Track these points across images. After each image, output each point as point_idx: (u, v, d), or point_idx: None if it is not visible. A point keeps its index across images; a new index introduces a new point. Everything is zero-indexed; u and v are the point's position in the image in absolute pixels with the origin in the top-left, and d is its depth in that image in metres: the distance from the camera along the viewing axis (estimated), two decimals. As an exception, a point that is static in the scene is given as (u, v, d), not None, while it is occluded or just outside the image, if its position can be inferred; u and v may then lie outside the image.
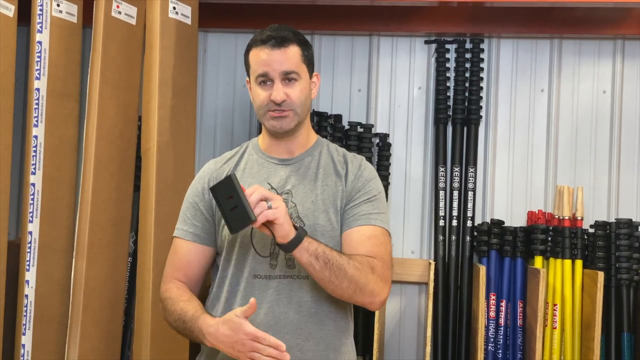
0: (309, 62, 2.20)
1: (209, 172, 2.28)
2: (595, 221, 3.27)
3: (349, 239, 2.13)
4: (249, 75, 2.22)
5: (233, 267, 2.16)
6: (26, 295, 2.83)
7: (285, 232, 1.96)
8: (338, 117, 3.47)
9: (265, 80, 2.13)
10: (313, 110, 3.48)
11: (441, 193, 3.43)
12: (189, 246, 2.23)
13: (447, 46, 3.48)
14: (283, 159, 2.21)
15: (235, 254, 2.16)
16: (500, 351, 3.29)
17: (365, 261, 2.07)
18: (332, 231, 2.12)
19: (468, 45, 3.47)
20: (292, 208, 2.12)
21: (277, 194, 2.13)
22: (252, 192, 1.94)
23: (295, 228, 1.98)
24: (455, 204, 3.42)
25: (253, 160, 2.25)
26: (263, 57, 2.13)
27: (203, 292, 2.31)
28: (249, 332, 1.91)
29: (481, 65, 3.45)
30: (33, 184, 2.84)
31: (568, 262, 3.23)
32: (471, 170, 3.42)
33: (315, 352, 2.11)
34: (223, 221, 2.18)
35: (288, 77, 2.12)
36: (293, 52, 2.14)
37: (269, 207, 1.92)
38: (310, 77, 2.21)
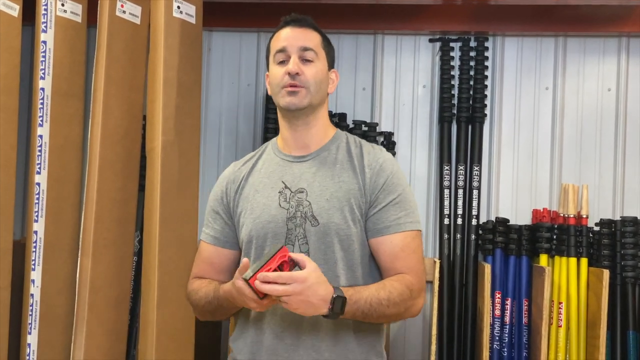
0: (328, 54, 2.21)
1: (227, 175, 2.28)
2: (601, 219, 3.26)
3: (382, 250, 2.11)
4: (268, 67, 2.21)
5: (251, 271, 2.14)
6: (32, 295, 2.83)
7: (310, 313, 1.95)
8: (342, 116, 3.47)
9: (283, 58, 2.14)
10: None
11: (446, 191, 3.42)
12: (211, 249, 2.24)
13: (451, 44, 3.48)
14: (299, 156, 2.19)
15: (252, 254, 2.14)
16: (505, 349, 3.29)
17: (405, 290, 2.05)
18: (347, 229, 2.09)
19: (472, 44, 3.47)
20: (307, 207, 2.11)
21: (291, 192, 2.13)
22: (267, 275, 1.88)
23: (332, 302, 1.93)
24: (460, 202, 3.42)
25: (270, 160, 2.23)
26: (283, 35, 2.16)
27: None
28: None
29: (485, 63, 3.45)
30: (38, 184, 2.85)
31: (573, 260, 3.22)
32: (476, 168, 3.42)
33: (332, 352, 2.10)
34: (241, 222, 2.18)
35: (305, 57, 2.13)
36: (313, 35, 2.17)
37: (279, 300, 1.89)
38: (329, 69, 2.21)
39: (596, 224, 3.28)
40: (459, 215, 3.41)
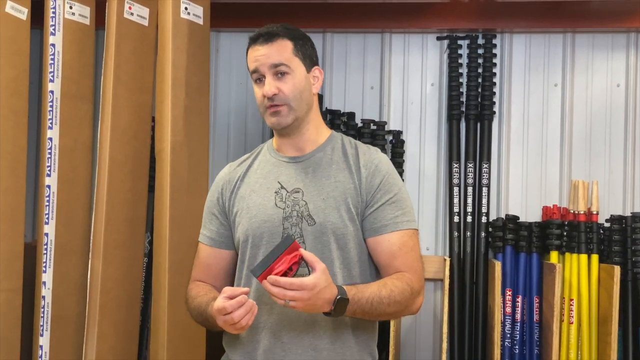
0: (305, 55, 2.18)
1: (223, 176, 2.29)
2: (611, 215, 3.26)
3: (380, 249, 2.12)
4: None
5: (246, 269, 2.15)
6: (43, 297, 2.84)
7: (312, 312, 1.97)
8: (351, 115, 3.47)
9: (258, 77, 2.14)
10: (326, 108, 3.49)
11: (455, 189, 3.42)
12: (208, 250, 2.25)
13: (459, 42, 3.48)
14: (294, 157, 2.20)
15: (248, 255, 2.15)
16: (516, 347, 3.28)
17: (406, 288, 2.06)
18: (344, 228, 2.10)
19: (480, 41, 3.46)
20: (303, 206, 2.12)
21: (287, 192, 2.14)
22: (277, 279, 1.88)
23: (335, 303, 1.94)
24: (469, 200, 3.41)
25: (265, 161, 2.24)
26: (254, 54, 2.15)
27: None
28: (216, 309, 1.94)
29: (494, 60, 3.44)
30: (48, 186, 2.86)
31: (584, 256, 3.21)
32: (485, 166, 3.41)
33: (330, 351, 2.10)
34: (237, 222, 2.19)
35: (279, 71, 2.12)
36: (282, 46, 2.13)
37: (286, 303, 1.89)
38: (309, 71, 2.20)
39: (607, 220, 3.27)
40: (469, 213, 3.41)
